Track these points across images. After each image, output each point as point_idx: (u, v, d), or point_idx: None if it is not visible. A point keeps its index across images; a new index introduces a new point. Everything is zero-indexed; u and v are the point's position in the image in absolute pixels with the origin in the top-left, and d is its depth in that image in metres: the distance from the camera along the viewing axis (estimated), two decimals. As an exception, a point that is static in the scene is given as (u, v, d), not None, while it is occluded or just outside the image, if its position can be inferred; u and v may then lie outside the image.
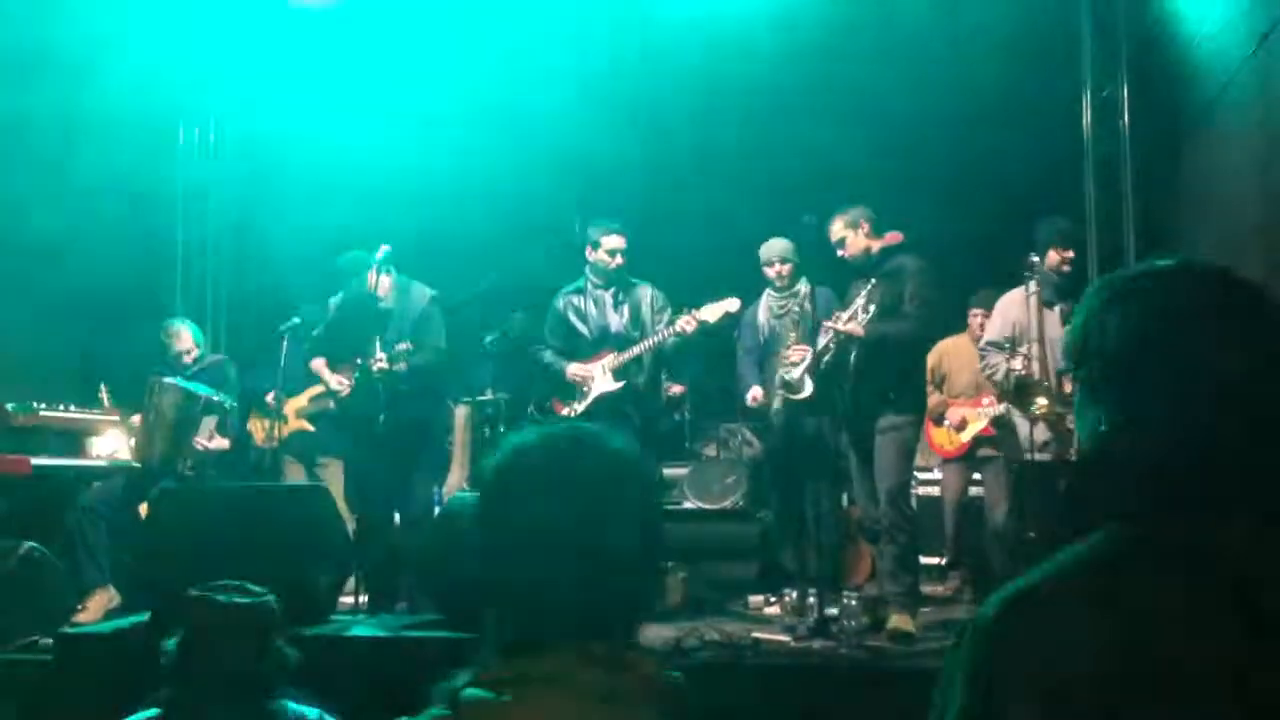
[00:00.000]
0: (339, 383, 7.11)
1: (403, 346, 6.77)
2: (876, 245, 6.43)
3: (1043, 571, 1.41)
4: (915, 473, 8.04)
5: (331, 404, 7.45)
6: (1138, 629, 1.29)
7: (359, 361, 6.96)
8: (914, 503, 7.64)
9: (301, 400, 8.42)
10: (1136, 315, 1.47)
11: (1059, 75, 9.49)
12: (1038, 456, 6.64)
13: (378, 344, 6.85)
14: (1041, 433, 6.66)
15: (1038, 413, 6.52)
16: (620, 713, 1.53)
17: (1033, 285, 6.69)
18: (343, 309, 7.24)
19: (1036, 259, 6.73)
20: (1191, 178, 8.10)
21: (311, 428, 8.44)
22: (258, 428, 8.71)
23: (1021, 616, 1.37)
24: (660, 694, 1.58)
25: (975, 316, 8.26)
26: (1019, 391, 6.64)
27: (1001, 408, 8.06)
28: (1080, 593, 1.35)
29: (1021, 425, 6.79)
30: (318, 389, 7.96)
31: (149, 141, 9.98)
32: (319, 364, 7.33)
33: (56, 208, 8.61)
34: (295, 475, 8.65)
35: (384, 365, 6.75)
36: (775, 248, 7.17)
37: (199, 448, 7.45)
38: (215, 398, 7.51)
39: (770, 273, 7.19)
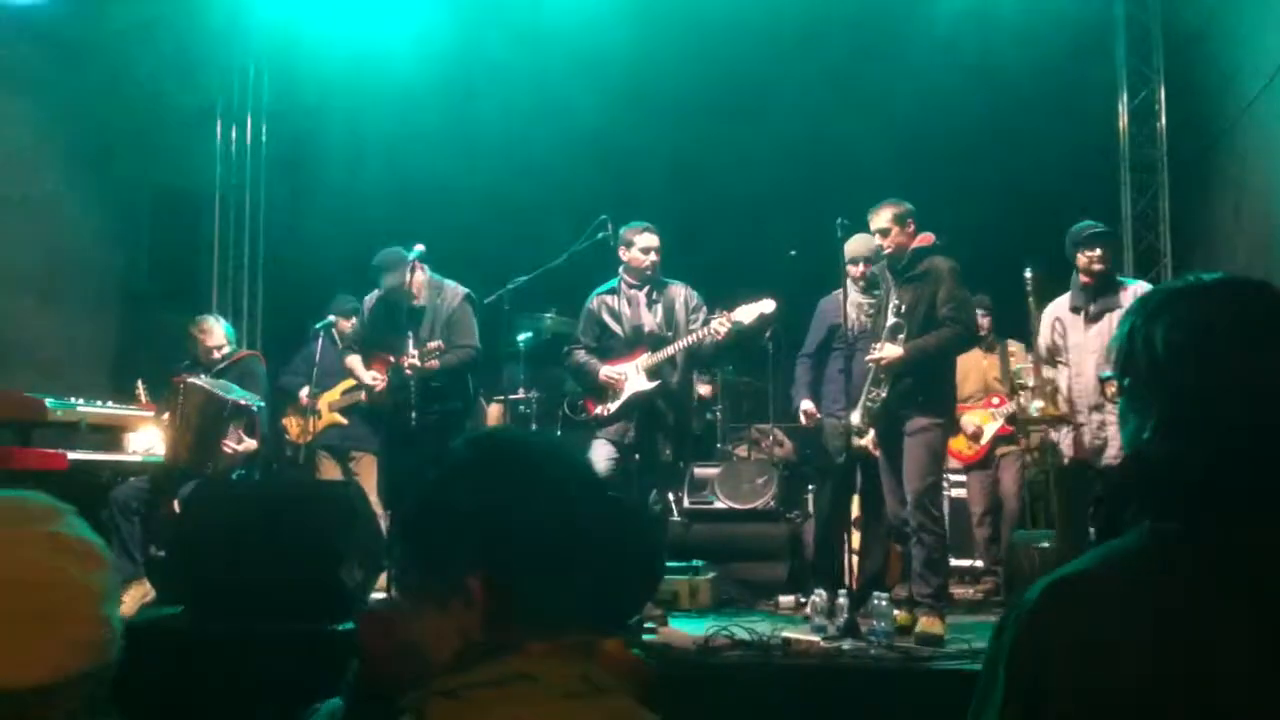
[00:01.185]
0: (373, 378, 7.14)
1: (433, 345, 6.80)
2: (912, 245, 6.39)
3: (1085, 561, 1.47)
4: (945, 475, 8.03)
5: (363, 397, 7.48)
6: (1169, 627, 1.33)
7: (391, 359, 7.00)
8: (945, 505, 7.61)
9: (334, 394, 8.47)
10: (1179, 326, 1.51)
11: (1095, 80, 9.47)
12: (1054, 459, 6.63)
13: (410, 342, 6.89)
14: (1064, 437, 6.60)
15: (1036, 415, 6.49)
16: (591, 704, 1.49)
17: (1030, 299, 6.67)
18: (377, 306, 7.28)
19: (1030, 273, 6.67)
20: (1228, 180, 8.05)
21: (345, 421, 8.49)
22: (293, 424, 8.77)
23: (1062, 603, 1.42)
24: (629, 675, 1.56)
25: (980, 318, 8.27)
26: (1048, 397, 6.61)
27: (1012, 404, 8.09)
28: (1118, 586, 1.40)
29: (1052, 431, 6.75)
30: (350, 382, 8.01)
31: (187, 138, 10.08)
32: (353, 360, 7.34)
33: (95, 204, 8.70)
34: (329, 469, 8.70)
35: (415, 363, 6.79)
36: (868, 244, 6.84)
37: (227, 451, 7.41)
38: (243, 401, 7.46)
39: (859, 271, 7.00)
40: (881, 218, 6.40)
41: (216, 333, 7.93)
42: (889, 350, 6.22)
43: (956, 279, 6.30)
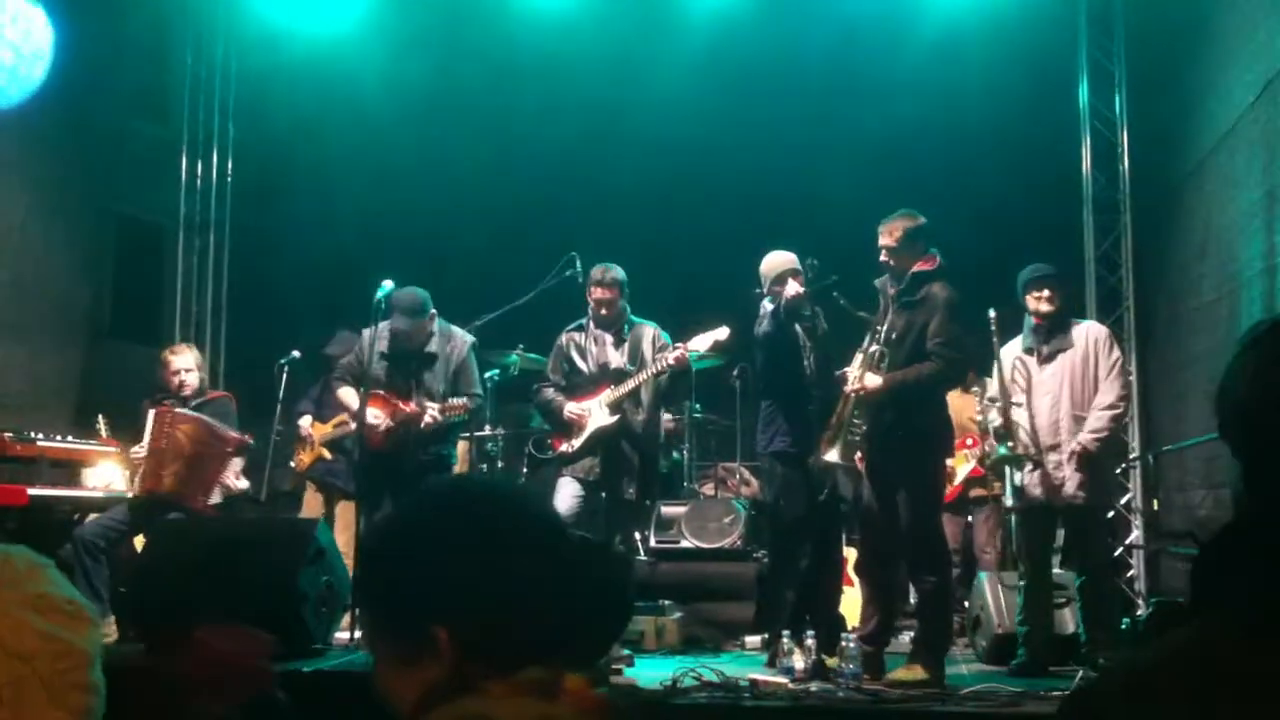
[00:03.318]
0: (375, 416, 6.94)
1: (459, 403, 6.91)
2: (915, 266, 6.07)
3: (1158, 654, 1.31)
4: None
5: (351, 428, 7.34)
6: None
7: (399, 404, 6.93)
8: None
9: (327, 428, 8.30)
10: (1269, 362, 1.34)
11: (1059, 121, 9.57)
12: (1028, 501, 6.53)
13: (419, 389, 6.97)
14: (1027, 477, 6.52)
15: (1006, 454, 6.44)
16: None
17: (994, 339, 6.64)
18: (390, 345, 7.13)
19: (993, 313, 6.62)
20: (1192, 222, 8.12)
21: (329, 456, 8.31)
22: (302, 456, 8.62)
23: (1135, 705, 1.26)
24: (594, 713, 1.55)
25: None
26: (999, 440, 6.56)
27: (986, 445, 8.04)
28: (1196, 685, 1.23)
29: (1008, 470, 6.71)
30: (343, 417, 7.87)
31: (152, 171, 10.03)
32: (346, 393, 7.18)
33: (59, 237, 8.63)
34: (313, 502, 8.58)
35: (436, 416, 6.83)
36: (786, 258, 6.76)
37: (227, 486, 7.37)
38: (247, 437, 7.48)
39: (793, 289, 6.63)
40: (891, 233, 6.09)
41: (187, 356, 7.71)
42: (869, 380, 5.96)
43: (951, 311, 5.96)
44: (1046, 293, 6.54)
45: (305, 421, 8.35)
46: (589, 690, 1.57)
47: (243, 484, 7.62)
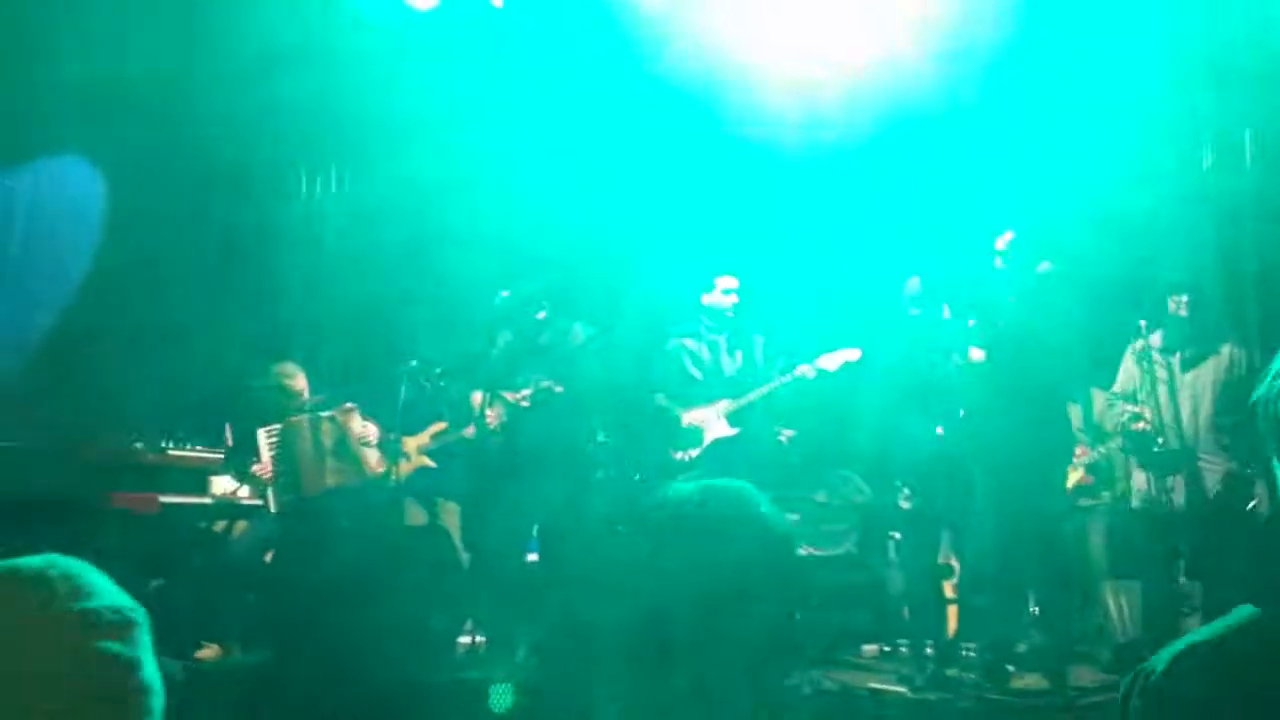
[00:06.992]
0: (493, 417, 7.14)
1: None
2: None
3: (1212, 628, 1.40)
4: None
5: (469, 432, 7.46)
6: None
7: (509, 398, 6.98)
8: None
9: (423, 438, 8.35)
10: None
11: (1179, 123, 9.36)
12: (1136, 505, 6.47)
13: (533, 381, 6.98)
14: (1142, 482, 6.46)
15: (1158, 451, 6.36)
16: None
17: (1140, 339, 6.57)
18: (509, 346, 7.28)
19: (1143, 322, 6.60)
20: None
21: (433, 464, 8.36)
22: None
23: (1191, 670, 1.35)
24: None
25: None
26: (1134, 441, 6.49)
27: (1097, 454, 7.91)
28: (1246, 652, 1.32)
29: (1136, 475, 6.62)
30: (440, 426, 7.93)
31: (269, 185, 10.22)
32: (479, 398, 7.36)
33: (191, 256, 8.81)
34: (415, 514, 8.65)
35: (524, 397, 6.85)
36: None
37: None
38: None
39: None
40: (1006, 240, 6.37)
41: (301, 378, 7.88)
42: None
43: (1067, 320, 6.14)
44: (1184, 298, 6.47)
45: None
46: None
47: None
